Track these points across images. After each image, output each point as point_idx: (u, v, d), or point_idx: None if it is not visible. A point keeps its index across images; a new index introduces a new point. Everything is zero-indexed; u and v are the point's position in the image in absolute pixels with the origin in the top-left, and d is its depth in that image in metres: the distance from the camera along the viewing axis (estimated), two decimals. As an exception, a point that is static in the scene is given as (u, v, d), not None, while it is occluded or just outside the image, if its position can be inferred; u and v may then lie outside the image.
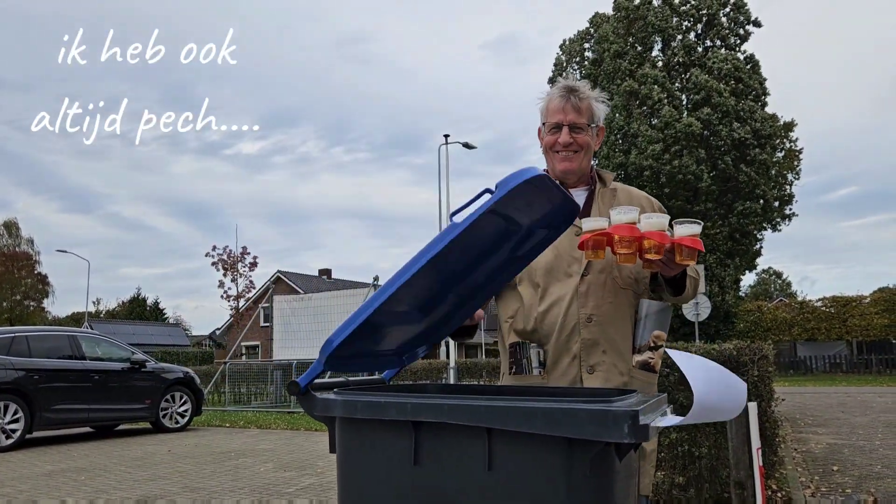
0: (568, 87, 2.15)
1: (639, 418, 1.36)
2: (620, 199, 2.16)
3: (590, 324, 2.03)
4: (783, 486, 5.03)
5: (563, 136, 2.12)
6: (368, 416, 1.58)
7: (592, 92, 2.17)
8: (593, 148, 2.19)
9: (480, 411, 1.45)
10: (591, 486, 1.42)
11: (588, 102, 2.15)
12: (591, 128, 2.16)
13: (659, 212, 2.04)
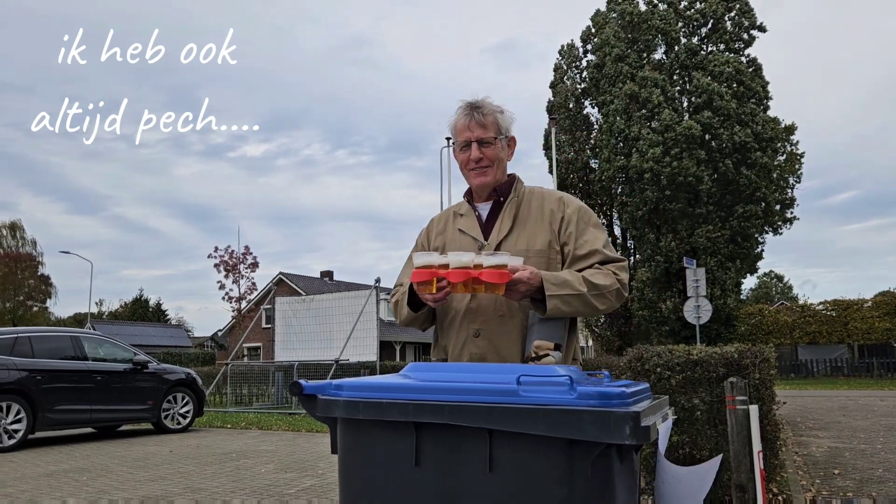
0: (471, 104, 2.20)
1: (640, 420, 1.37)
2: (532, 207, 2.19)
3: (477, 338, 2.10)
4: (784, 489, 5.03)
5: (473, 153, 2.19)
6: (370, 416, 1.58)
7: (496, 105, 2.22)
8: (506, 159, 2.25)
9: (481, 412, 1.46)
10: (593, 487, 1.42)
11: (492, 117, 2.19)
12: (500, 140, 2.21)
13: (570, 209, 2.15)
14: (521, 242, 2.13)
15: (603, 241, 2.14)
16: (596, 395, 1.43)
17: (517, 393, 1.48)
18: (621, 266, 2.10)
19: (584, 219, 2.16)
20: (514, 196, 2.22)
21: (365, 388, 1.64)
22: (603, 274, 2.04)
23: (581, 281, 1.99)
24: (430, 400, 1.52)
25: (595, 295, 2.00)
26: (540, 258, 2.09)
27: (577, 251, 2.10)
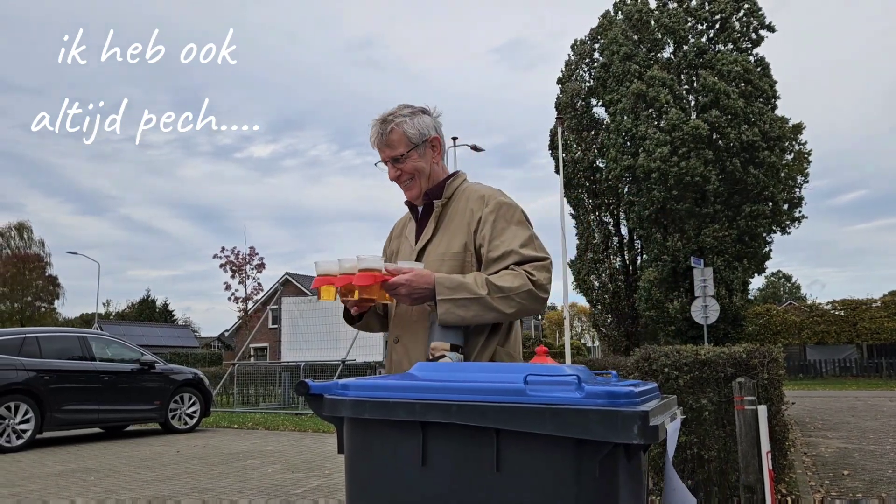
0: (377, 122, 2.15)
1: (649, 419, 1.35)
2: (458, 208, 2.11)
3: (397, 344, 2.10)
4: (793, 490, 5.00)
5: (390, 172, 2.17)
6: (377, 416, 1.58)
7: (404, 114, 2.14)
8: (427, 165, 2.16)
9: (489, 412, 1.45)
10: (600, 487, 1.41)
11: (398, 131, 2.12)
12: (416, 150, 2.13)
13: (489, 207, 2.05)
14: (441, 246, 2.08)
15: (522, 240, 2.02)
16: (604, 394, 1.42)
17: (524, 392, 1.47)
18: (540, 265, 1.98)
19: (503, 217, 2.05)
20: (445, 198, 2.14)
21: (371, 388, 1.64)
22: (513, 275, 1.93)
23: (483, 283, 1.90)
24: (436, 399, 1.51)
25: (499, 298, 1.90)
26: (455, 261, 2.03)
27: (491, 253, 2.00)
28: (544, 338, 66.89)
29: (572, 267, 29.94)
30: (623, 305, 29.36)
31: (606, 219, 30.52)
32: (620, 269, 30.11)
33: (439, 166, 2.19)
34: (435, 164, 2.17)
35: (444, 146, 2.20)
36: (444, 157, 2.22)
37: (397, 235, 2.31)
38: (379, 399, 1.58)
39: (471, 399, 1.49)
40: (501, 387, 1.48)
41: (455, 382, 1.55)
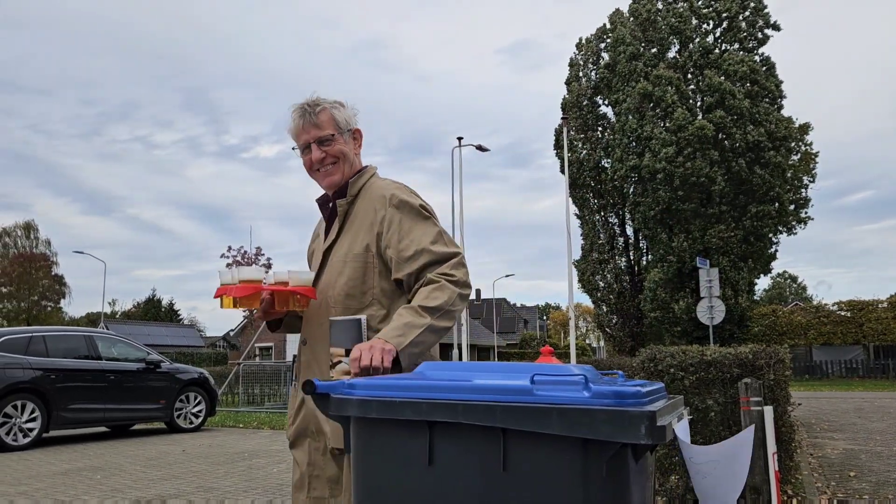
0: (302, 105, 2.13)
1: (656, 419, 1.35)
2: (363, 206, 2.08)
3: (304, 346, 2.09)
4: (799, 491, 4.99)
5: (314, 154, 2.12)
6: (383, 415, 1.57)
7: (331, 101, 2.14)
8: (351, 153, 2.15)
9: (495, 411, 1.45)
10: (608, 488, 1.41)
11: (327, 113, 2.12)
12: (343, 134, 2.13)
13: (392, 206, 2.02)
14: (344, 247, 2.05)
15: (431, 237, 1.97)
16: (611, 394, 1.42)
17: (531, 392, 1.47)
18: (455, 263, 1.94)
19: (408, 215, 2.01)
20: (350, 196, 2.11)
21: (378, 387, 1.64)
22: (437, 288, 1.89)
23: (420, 312, 1.86)
24: (443, 399, 1.51)
25: (440, 316, 1.87)
26: (357, 262, 2.01)
27: (403, 253, 1.95)
28: (549, 338, 66.84)
29: (577, 267, 29.90)
30: (628, 306, 29.30)
31: (612, 219, 30.48)
32: (626, 270, 30.06)
33: (357, 160, 2.17)
34: (356, 157, 2.16)
35: (361, 143, 2.20)
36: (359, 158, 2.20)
37: (315, 237, 2.29)
38: (385, 398, 1.58)
39: (477, 398, 1.48)
40: (508, 386, 1.48)
41: (462, 382, 1.55)
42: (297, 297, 2.05)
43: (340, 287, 2.01)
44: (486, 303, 62.48)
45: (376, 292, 2.00)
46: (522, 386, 1.46)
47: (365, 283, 2.00)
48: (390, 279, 2.00)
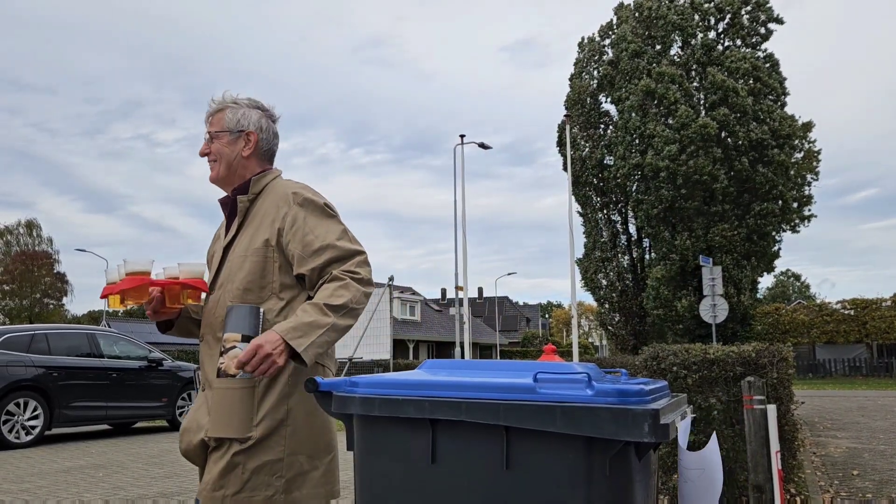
0: (213, 98, 2.17)
1: (659, 418, 1.34)
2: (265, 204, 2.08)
3: (202, 342, 2.10)
4: (802, 490, 4.97)
5: (202, 147, 2.18)
6: (386, 413, 1.57)
7: (230, 100, 2.15)
8: (232, 154, 2.13)
9: (498, 409, 1.44)
10: (611, 485, 1.40)
11: (220, 112, 2.14)
12: (227, 135, 2.13)
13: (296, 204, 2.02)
14: (243, 243, 2.05)
15: (336, 234, 1.98)
16: (614, 392, 1.41)
17: (534, 390, 1.46)
18: (360, 261, 1.96)
19: (312, 213, 2.01)
20: (252, 193, 2.11)
21: (381, 385, 1.63)
22: (340, 287, 1.90)
23: (324, 310, 1.86)
24: (446, 397, 1.50)
25: (343, 315, 1.88)
26: (256, 257, 2.00)
27: (307, 249, 1.95)
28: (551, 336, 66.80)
29: (580, 265, 29.89)
30: (631, 304, 29.28)
31: (614, 217, 30.44)
32: (628, 268, 30.03)
33: (250, 161, 2.14)
34: (243, 157, 2.14)
35: (262, 144, 2.16)
36: (263, 156, 2.17)
37: (216, 238, 2.28)
38: (388, 396, 1.58)
39: (480, 396, 1.48)
40: (511, 384, 1.47)
41: (464, 380, 1.55)
42: (188, 290, 2.06)
43: (239, 282, 2.00)
44: (488, 301, 62.48)
45: (276, 287, 2.00)
46: (525, 384, 1.46)
47: (264, 277, 1.99)
48: (291, 274, 2.01)
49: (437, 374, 1.70)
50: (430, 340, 42.82)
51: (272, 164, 2.22)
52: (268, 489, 1.86)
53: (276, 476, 1.87)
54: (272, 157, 2.21)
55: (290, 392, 1.92)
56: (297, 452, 1.90)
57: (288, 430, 1.90)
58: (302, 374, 1.91)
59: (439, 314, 46.94)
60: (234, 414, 1.90)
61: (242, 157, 2.13)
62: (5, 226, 54.12)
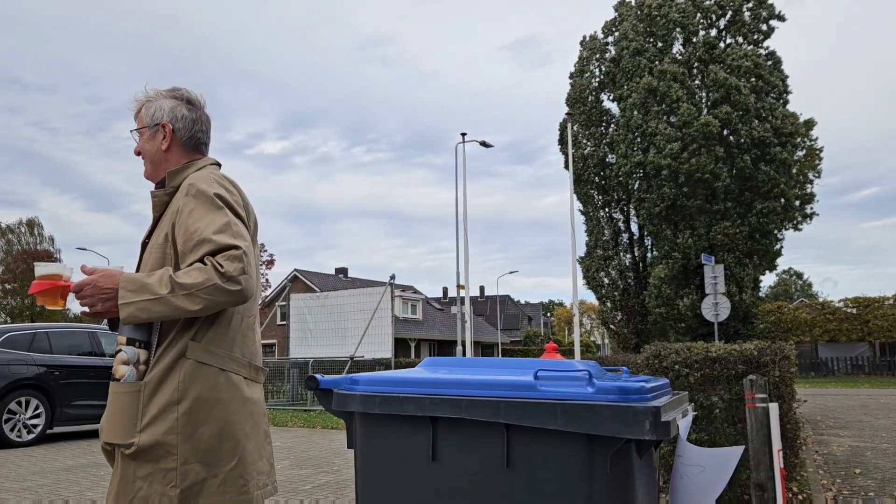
0: (135, 96, 2.16)
1: (660, 415, 1.34)
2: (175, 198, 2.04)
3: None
4: (804, 488, 4.96)
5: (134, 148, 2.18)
6: (386, 411, 1.56)
7: (156, 95, 2.13)
8: (153, 150, 2.12)
9: (499, 407, 1.43)
10: (612, 483, 1.39)
11: (139, 108, 2.14)
12: (147, 131, 2.12)
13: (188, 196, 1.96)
14: (153, 239, 2.02)
15: (217, 227, 1.89)
16: (615, 389, 1.40)
17: (535, 387, 1.45)
18: (231, 255, 1.85)
19: (201, 205, 1.94)
20: (171, 187, 2.07)
21: (381, 383, 1.62)
22: (199, 270, 1.83)
23: (167, 282, 1.81)
24: (446, 394, 1.49)
25: (183, 296, 1.80)
26: (158, 253, 1.97)
27: (187, 243, 1.90)
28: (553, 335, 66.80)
29: (581, 264, 29.87)
30: (633, 302, 29.26)
31: (616, 215, 30.42)
32: (630, 266, 30.01)
33: (170, 153, 2.11)
34: (163, 151, 2.11)
35: (179, 134, 2.11)
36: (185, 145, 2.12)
37: None
38: (388, 394, 1.57)
39: (481, 394, 1.47)
40: (512, 382, 1.47)
41: (465, 377, 1.54)
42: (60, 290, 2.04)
43: None
44: (489, 299, 62.48)
45: None
46: (526, 382, 1.45)
47: None
48: None
49: (438, 371, 1.70)
50: (432, 339, 42.83)
51: (203, 153, 2.16)
52: (161, 499, 1.81)
53: (170, 486, 1.81)
54: (199, 144, 2.15)
55: (180, 398, 1.85)
56: (191, 461, 1.83)
57: (179, 438, 1.84)
58: (194, 381, 1.86)
59: (441, 313, 46.95)
60: (118, 419, 1.88)
61: (162, 151, 2.11)
62: (6, 225, 54.19)
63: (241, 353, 1.96)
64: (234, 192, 2.02)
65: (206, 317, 1.92)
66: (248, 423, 1.93)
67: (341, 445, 8.44)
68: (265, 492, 1.97)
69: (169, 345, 1.90)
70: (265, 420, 2.05)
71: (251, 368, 1.99)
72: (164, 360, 1.88)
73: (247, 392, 1.95)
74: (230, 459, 1.89)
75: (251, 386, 1.98)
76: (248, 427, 1.94)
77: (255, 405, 1.97)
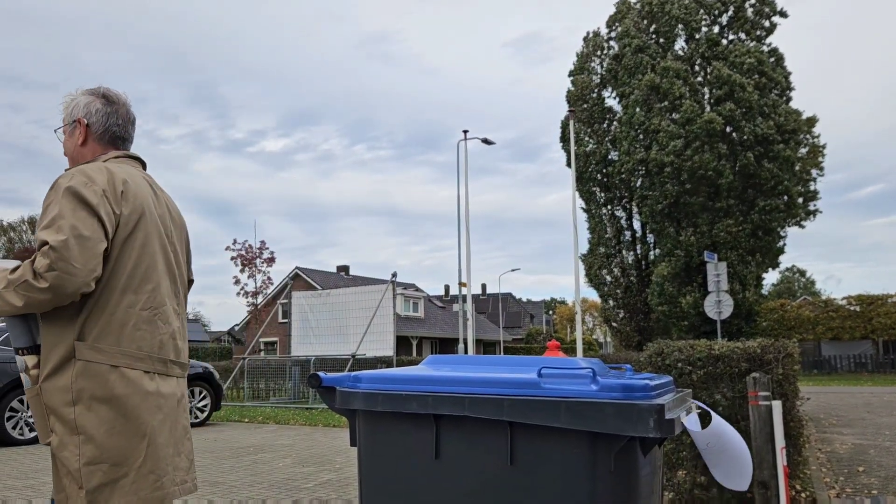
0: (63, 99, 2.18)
1: (665, 413, 1.33)
2: None
3: None
4: (807, 486, 4.95)
5: None
6: (389, 408, 1.56)
7: (77, 94, 2.15)
8: (71, 147, 2.14)
9: (502, 405, 1.43)
10: (616, 481, 1.39)
11: (64, 109, 2.16)
12: (67, 128, 2.14)
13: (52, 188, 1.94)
14: None
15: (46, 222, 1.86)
16: (619, 387, 1.40)
17: (538, 385, 1.44)
18: (43, 252, 1.81)
19: (54, 199, 1.90)
20: None
21: (384, 380, 1.62)
22: (23, 267, 1.84)
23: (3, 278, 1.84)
24: (449, 392, 1.49)
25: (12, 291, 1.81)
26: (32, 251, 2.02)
27: (37, 240, 1.88)
28: (555, 333, 66.81)
29: (584, 261, 29.85)
30: (635, 300, 29.24)
31: (619, 213, 30.40)
32: (633, 264, 29.99)
33: (86, 148, 2.12)
34: (79, 146, 2.12)
35: (94, 128, 2.12)
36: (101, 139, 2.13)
37: None
38: (391, 391, 1.57)
39: (484, 392, 1.46)
40: (515, 379, 1.46)
41: (468, 375, 1.53)
42: None
43: None
44: (491, 297, 62.48)
45: None
46: (530, 379, 1.44)
47: None
48: None
49: (441, 369, 1.69)
50: (434, 337, 42.84)
51: (119, 147, 2.17)
52: (77, 500, 1.83)
53: (79, 487, 1.83)
54: (115, 138, 2.15)
55: (74, 399, 1.85)
56: (96, 461, 1.84)
57: (80, 439, 1.84)
58: (86, 381, 1.86)
59: (443, 311, 46.96)
60: (37, 422, 1.92)
61: (79, 146, 2.12)
62: (8, 223, 54.34)
63: (135, 347, 1.93)
64: (95, 182, 1.92)
65: (90, 314, 1.90)
66: (156, 416, 1.92)
67: (343, 443, 8.44)
68: (183, 488, 1.97)
69: (53, 347, 1.89)
70: (184, 415, 2.05)
71: (155, 361, 1.97)
72: (50, 363, 1.88)
73: (149, 386, 1.93)
74: (138, 456, 1.89)
75: (158, 379, 1.96)
76: (155, 421, 1.93)
77: (163, 398, 1.96)
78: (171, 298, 2.08)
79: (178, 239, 2.18)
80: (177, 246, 2.16)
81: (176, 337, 2.05)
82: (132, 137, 2.22)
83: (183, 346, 2.10)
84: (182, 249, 2.21)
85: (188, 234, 2.32)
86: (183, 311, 2.17)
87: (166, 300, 2.04)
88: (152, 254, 2.01)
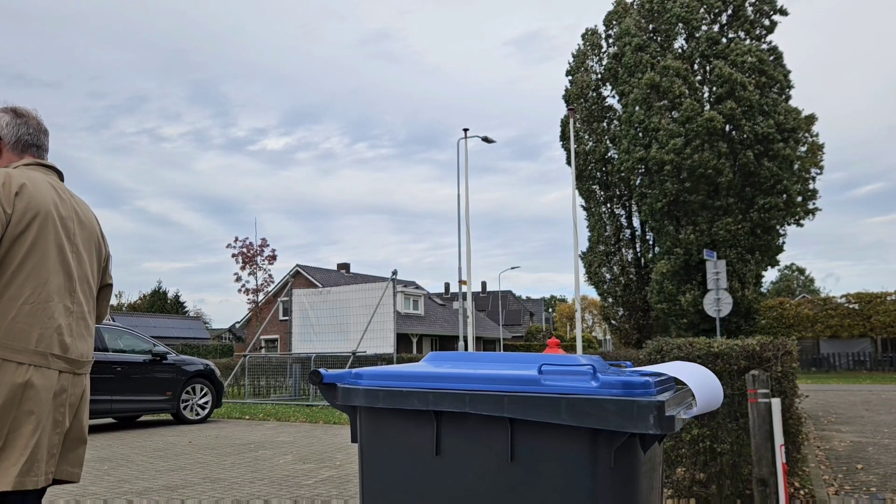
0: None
1: (665, 409, 1.34)
2: None
3: None
4: (806, 483, 4.97)
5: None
6: (390, 405, 1.56)
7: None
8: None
9: (503, 401, 1.44)
10: (616, 477, 1.40)
11: None
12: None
13: None
14: None
15: None
16: (619, 384, 1.41)
17: (539, 382, 1.45)
18: None
19: None
20: None
21: (385, 377, 1.63)
22: None
23: None
24: (450, 389, 1.50)
25: None
26: None
27: None
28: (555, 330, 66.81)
29: (583, 259, 29.85)
30: (635, 298, 29.25)
31: (618, 211, 30.39)
32: (632, 262, 30.00)
33: (3, 159, 2.28)
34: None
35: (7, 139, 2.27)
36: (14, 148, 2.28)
37: None
38: (392, 388, 1.57)
39: (485, 388, 1.47)
40: (515, 376, 1.47)
41: (469, 372, 1.54)
42: None
43: None
44: (491, 295, 62.47)
45: None
46: (530, 376, 1.45)
47: None
48: None
49: (442, 366, 1.70)
50: (434, 335, 42.85)
51: (32, 155, 2.30)
52: None
53: None
54: (27, 146, 2.30)
55: None
56: None
57: None
58: None
59: (443, 308, 46.96)
60: None
61: None
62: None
63: (14, 340, 2.01)
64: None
65: None
66: (23, 407, 1.99)
67: (344, 441, 8.45)
68: (39, 480, 2.04)
69: None
70: (60, 410, 2.11)
71: (31, 354, 2.04)
72: None
73: (22, 377, 2.00)
74: None
75: (32, 371, 2.02)
76: (20, 412, 2.00)
77: (35, 390, 2.03)
78: (63, 295, 2.15)
79: (83, 241, 2.28)
80: (80, 247, 2.25)
81: (63, 332, 2.12)
82: (46, 146, 2.37)
83: (74, 342, 2.16)
84: (89, 251, 2.31)
85: (102, 239, 2.43)
86: (80, 308, 2.23)
87: (54, 296, 2.11)
88: (43, 251, 2.09)
